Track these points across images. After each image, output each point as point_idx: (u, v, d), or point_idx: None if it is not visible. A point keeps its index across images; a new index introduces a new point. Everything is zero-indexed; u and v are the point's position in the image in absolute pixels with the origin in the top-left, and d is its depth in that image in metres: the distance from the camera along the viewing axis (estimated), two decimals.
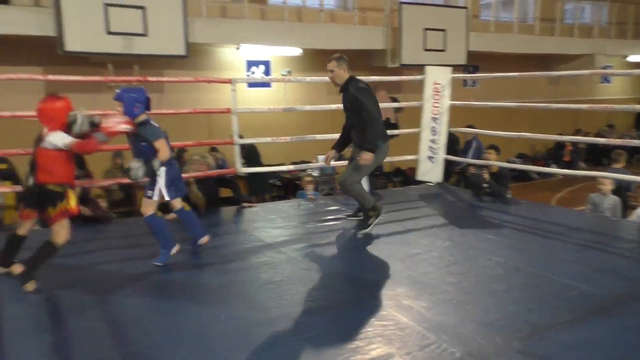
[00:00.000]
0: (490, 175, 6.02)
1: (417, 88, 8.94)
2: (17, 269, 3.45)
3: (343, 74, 4.62)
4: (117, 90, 3.86)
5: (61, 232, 3.46)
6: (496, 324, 2.87)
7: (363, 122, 4.47)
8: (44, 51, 7.83)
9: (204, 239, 4.18)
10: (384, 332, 2.80)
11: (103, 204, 5.75)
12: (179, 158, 8.76)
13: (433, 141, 6.72)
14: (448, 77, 6.66)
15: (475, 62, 11.91)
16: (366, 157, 4.45)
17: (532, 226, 4.94)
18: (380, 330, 2.82)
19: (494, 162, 6.12)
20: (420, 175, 6.89)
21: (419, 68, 9.50)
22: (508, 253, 4.11)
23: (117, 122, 3.61)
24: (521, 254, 4.11)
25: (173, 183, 3.90)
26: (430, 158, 6.76)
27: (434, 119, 6.68)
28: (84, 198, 5.24)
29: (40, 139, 3.47)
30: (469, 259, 3.99)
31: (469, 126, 6.87)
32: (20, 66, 7.78)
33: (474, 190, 6.27)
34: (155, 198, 3.83)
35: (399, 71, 10.42)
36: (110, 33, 7.55)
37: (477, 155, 7.53)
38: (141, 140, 3.79)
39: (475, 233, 4.69)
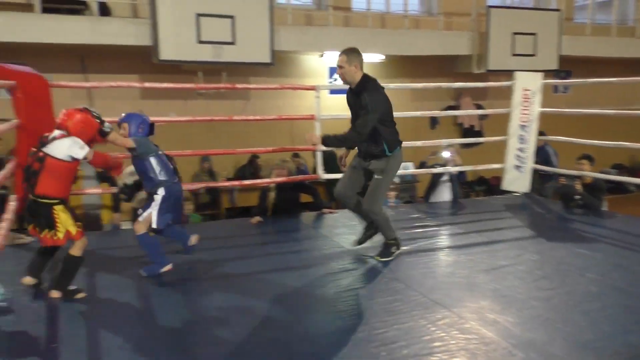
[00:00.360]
0: (583, 186, 5.70)
1: (504, 94, 8.64)
2: (54, 294, 3.31)
3: (355, 72, 3.96)
4: (123, 115, 3.89)
5: (78, 244, 3.35)
6: (590, 345, 2.71)
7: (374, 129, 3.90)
8: (140, 60, 8.30)
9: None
10: (467, 345, 2.72)
11: (190, 206, 6.01)
12: (251, 163, 9.04)
13: (521, 150, 6.46)
14: (538, 83, 6.39)
15: (568, 67, 11.34)
16: (313, 138, 4.03)
17: (629, 241, 4.63)
18: (464, 343, 2.74)
19: (588, 172, 5.78)
20: (506, 185, 6.65)
21: (507, 74, 9.18)
22: (603, 269, 3.86)
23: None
24: (618, 270, 3.85)
25: (168, 211, 3.76)
26: (517, 167, 6.50)
27: (523, 127, 6.42)
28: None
29: (45, 143, 3.25)
30: (560, 274, 3.79)
31: (540, 133, 6.54)
32: (118, 74, 8.28)
33: (564, 202, 5.96)
34: (142, 220, 3.72)
35: (484, 77, 10.14)
36: (201, 42, 7.88)
37: (548, 163, 7.10)
38: (136, 157, 3.75)
39: (566, 247, 4.45)
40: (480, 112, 9.64)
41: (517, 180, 6.53)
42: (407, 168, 9.68)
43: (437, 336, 2.82)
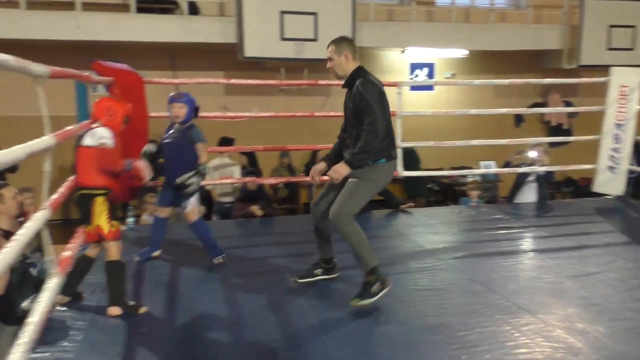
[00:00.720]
0: None
1: (596, 91, 8.15)
2: (114, 311, 3.05)
3: (345, 64, 3.31)
4: (174, 94, 4.02)
5: (112, 247, 3.10)
6: None
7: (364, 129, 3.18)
8: (225, 57, 8.56)
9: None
10: (553, 354, 2.59)
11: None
12: (314, 157, 9.07)
13: (615, 150, 6.07)
14: (638, 80, 5.97)
15: None
16: (339, 170, 3.20)
17: None
18: (550, 352, 2.61)
19: None
20: (598, 187, 6.27)
21: (600, 69, 8.67)
22: None
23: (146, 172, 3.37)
24: None
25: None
26: (610, 168, 6.12)
27: (618, 126, 6.03)
28: (258, 195, 5.65)
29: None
30: None
31: None
32: (205, 71, 8.58)
33: None
34: (190, 209, 3.90)
35: (575, 73, 9.62)
36: (284, 39, 8.01)
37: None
38: (183, 144, 3.89)
39: None
40: (570, 109, 9.15)
41: (610, 182, 6.15)
42: (490, 167, 9.38)
43: (522, 342, 2.71)
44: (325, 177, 3.39)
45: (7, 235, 3.27)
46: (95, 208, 3.01)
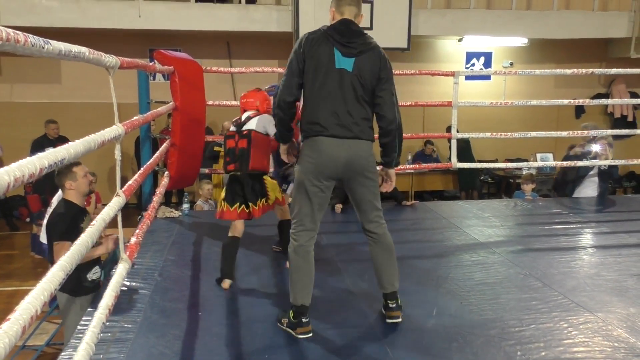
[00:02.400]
0: None
1: None
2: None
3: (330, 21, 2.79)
4: (272, 85, 4.14)
5: (285, 208, 3.73)
6: None
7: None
8: (280, 45, 8.64)
9: None
10: (614, 354, 2.52)
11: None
12: None
13: None
14: None
15: None
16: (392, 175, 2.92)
17: None
18: (610, 351, 2.54)
19: None
20: None
21: None
22: None
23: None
24: None
25: None
26: None
27: None
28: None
29: (242, 124, 3.56)
30: None
31: None
32: (259, 59, 8.69)
33: None
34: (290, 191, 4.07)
35: None
36: None
37: None
38: None
39: None
40: (636, 101, 8.74)
41: None
42: (547, 159, 9.10)
43: (580, 341, 2.64)
44: None
45: (83, 211, 3.52)
46: (268, 186, 3.52)
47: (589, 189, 5.93)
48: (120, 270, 2.43)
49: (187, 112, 4.59)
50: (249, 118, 3.60)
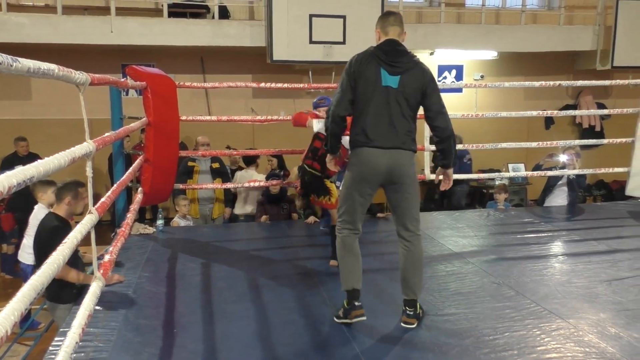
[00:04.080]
0: None
1: (631, 93, 8.00)
2: (334, 263, 3.81)
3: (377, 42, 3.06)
4: (319, 99, 4.21)
5: (334, 213, 3.64)
6: None
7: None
8: (254, 60, 8.67)
9: None
10: (585, 359, 2.57)
11: (298, 203, 6.17)
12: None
13: None
14: None
15: None
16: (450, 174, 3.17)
17: None
18: (582, 357, 2.59)
19: None
20: (631, 190, 6.16)
21: (635, 70, 8.51)
22: None
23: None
24: None
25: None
26: None
27: None
28: (281, 198, 5.69)
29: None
30: None
31: None
32: (234, 74, 8.69)
33: None
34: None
35: (608, 74, 9.44)
36: (312, 42, 8.06)
37: None
38: None
39: None
40: (604, 112, 8.98)
41: None
42: (518, 170, 9.26)
43: (552, 347, 2.69)
44: None
45: (70, 226, 3.53)
46: (328, 186, 3.97)
47: (559, 197, 6.07)
48: (94, 289, 2.40)
49: (160, 128, 4.57)
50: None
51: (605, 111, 8.90)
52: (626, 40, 9.25)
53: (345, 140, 3.21)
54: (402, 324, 2.96)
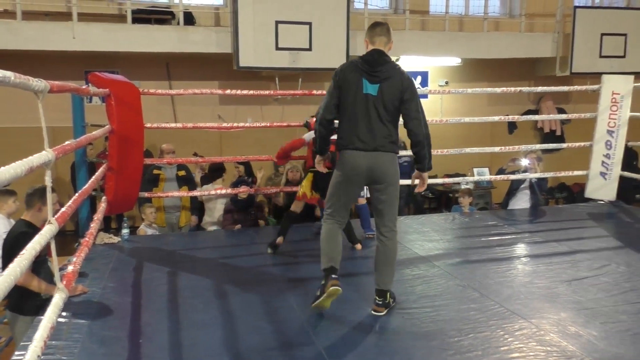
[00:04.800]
0: None
1: (589, 98, 8.21)
2: (359, 246, 4.57)
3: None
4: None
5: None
6: None
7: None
8: (220, 67, 8.63)
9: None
10: (547, 358, 2.63)
11: (266, 209, 6.17)
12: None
13: (607, 156, 6.14)
14: (629, 87, 6.05)
15: None
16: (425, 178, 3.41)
17: None
18: (543, 355, 2.65)
19: None
20: (590, 193, 6.35)
21: (592, 76, 8.77)
22: None
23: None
24: None
25: None
26: (602, 174, 6.19)
27: (610, 132, 6.11)
28: (249, 204, 5.66)
29: None
30: None
31: None
32: (200, 81, 8.63)
33: None
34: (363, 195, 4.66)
35: (567, 80, 9.72)
36: (279, 49, 8.08)
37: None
38: None
39: None
40: (563, 116, 9.24)
41: (603, 187, 6.22)
42: (483, 174, 9.45)
43: (515, 347, 2.75)
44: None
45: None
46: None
47: (522, 200, 6.22)
48: (57, 300, 2.35)
49: (124, 135, 4.51)
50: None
51: (564, 116, 9.19)
52: (584, 47, 9.56)
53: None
54: (372, 312, 3.21)
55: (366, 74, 3.15)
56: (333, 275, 3.13)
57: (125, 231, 4.95)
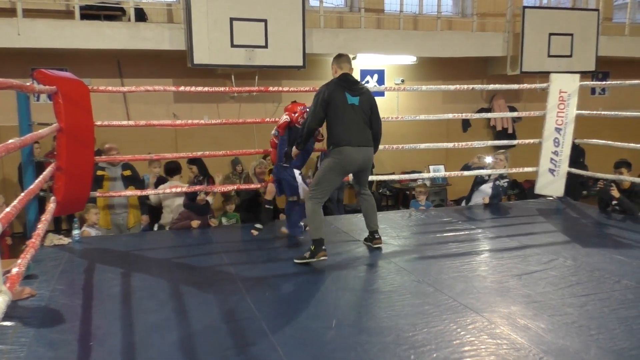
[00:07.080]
0: (621, 191, 5.57)
1: (538, 97, 8.48)
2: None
3: (334, 75, 4.44)
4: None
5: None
6: (626, 354, 2.66)
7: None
8: (174, 64, 8.48)
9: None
10: (497, 350, 2.70)
11: (232, 206, 6.08)
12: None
13: (555, 153, 6.35)
14: (575, 85, 6.27)
15: (606, 68, 11.11)
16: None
17: None
18: (494, 348, 2.72)
19: (626, 177, 5.65)
20: (539, 189, 6.54)
21: (542, 75, 9.05)
22: None
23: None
24: None
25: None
26: (551, 171, 6.39)
27: (558, 130, 6.31)
28: (208, 209, 5.56)
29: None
30: (594, 281, 3.72)
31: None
32: (153, 78, 8.45)
33: (601, 207, 5.84)
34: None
35: (518, 79, 10.00)
36: (234, 46, 7.99)
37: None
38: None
39: (602, 253, 4.36)
40: (514, 114, 9.50)
41: (551, 184, 6.43)
42: (439, 171, 9.61)
43: (467, 340, 2.81)
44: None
45: None
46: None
47: (484, 194, 6.32)
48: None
49: (73, 134, 4.37)
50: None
51: (515, 114, 9.45)
52: (533, 46, 9.85)
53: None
54: (374, 246, 4.50)
55: (347, 89, 4.25)
56: (323, 247, 4.06)
57: (76, 232, 4.81)
